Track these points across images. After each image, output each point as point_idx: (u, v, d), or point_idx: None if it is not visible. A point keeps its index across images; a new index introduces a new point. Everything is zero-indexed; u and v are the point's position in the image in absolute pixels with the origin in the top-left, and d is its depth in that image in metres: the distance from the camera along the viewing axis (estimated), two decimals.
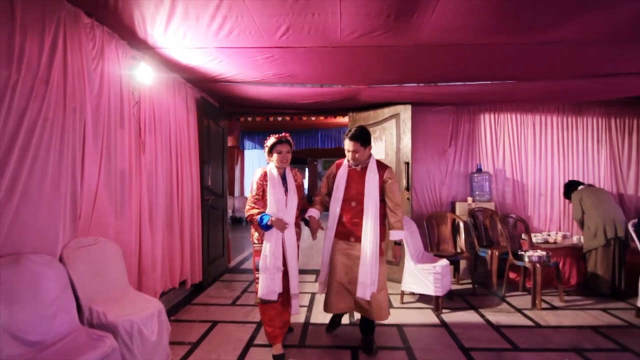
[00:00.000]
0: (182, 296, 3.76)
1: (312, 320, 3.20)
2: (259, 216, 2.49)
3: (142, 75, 2.91)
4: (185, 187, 3.72)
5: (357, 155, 2.55)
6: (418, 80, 3.53)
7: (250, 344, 2.74)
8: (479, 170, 4.61)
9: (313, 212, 2.71)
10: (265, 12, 2.15)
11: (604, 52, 2.85)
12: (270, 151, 2.62)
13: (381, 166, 2.62)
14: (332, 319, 2.96)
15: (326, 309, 2.71)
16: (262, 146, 10.33)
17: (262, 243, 2.53)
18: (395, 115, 4.39)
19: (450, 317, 3.26)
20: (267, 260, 2.47)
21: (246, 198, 9.20)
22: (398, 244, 2.64)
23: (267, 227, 2.48)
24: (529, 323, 3.13)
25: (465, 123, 4.76)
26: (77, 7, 2.26)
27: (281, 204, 2.54)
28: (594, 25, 2.30)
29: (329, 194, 2.74)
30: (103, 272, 2.35)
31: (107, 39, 2.55)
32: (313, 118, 5.35)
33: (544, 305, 3.54)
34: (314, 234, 2.68)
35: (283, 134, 2.65)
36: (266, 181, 2.58)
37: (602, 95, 4.42)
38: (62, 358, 1.67)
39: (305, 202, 2.82)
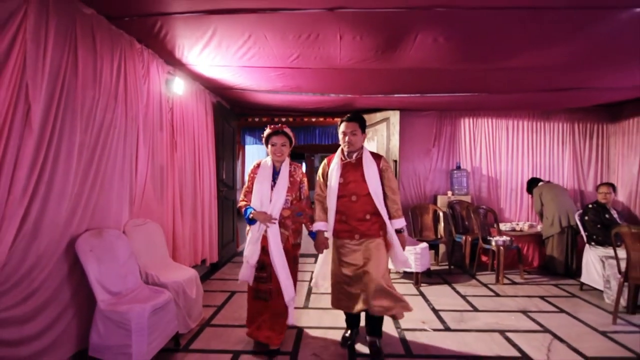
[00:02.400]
0: (202, 272, 4.41)
1: (306, 323, 2.97)
2: (244, 208, 2.47)
3: (176, 87, 3.53)
4: (204, 179, 4.34)
5: (354, 138, 2.43)
6: (404, 91, 4.18)
7: None
8: (458, 168, 5.29)
9: (321, 226, 2.51)
10: (282, 45, 2.77)
11: (557, 75, 3.51)
12: (267, 143, 2.54)
13: (375, 155, 2.53)
14: (344, 334, 2.71)
15: (334, 303, 2.61)
16: (262, 141, 10.97)
17: None
18: (386, 119, 5.04)
19: (427, 289, 3.95)
20: (246, 254, 2.47)
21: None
22: (400, 231, 2.50)
23: (251, 221, 2.44)
24: (491, 293, 3.84)
25: (447, 126, 5.43)
26: (131, 36, 2.86)
27: (265, 199, 2.44)
28: (537, 58, 2.96)
29: None
30: (151, 246, 2.99)
31: (151, 59, 3.16)
32: (314, 119, 5.98)
33: (506, 281, 4.26)
34: (319, 250, 2.55)
35: (279, 125, 2.55)
36: (256, 174, 2.52)
37: (564, 105, 5.12)
38: (139, 302, 2.31)
39: (304, 205, 2.59)
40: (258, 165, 2.58)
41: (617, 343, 2.73)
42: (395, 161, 4.91)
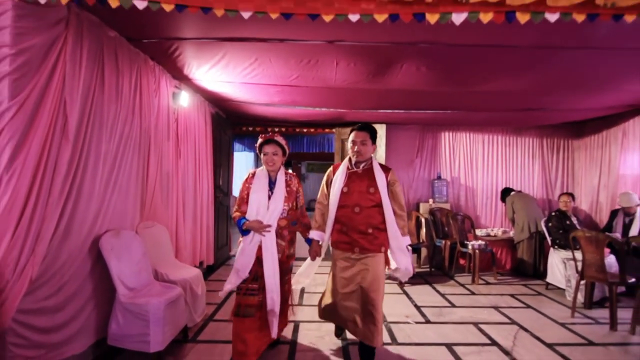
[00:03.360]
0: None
1: (300, 339, 2.89)
2: (237, 219, 2.41)
3: (181, 100, 3.80)
4: (203, 186, 4.60)
5: (363, 148, 2.36)
6: (390, 108, 4.58)
7: None
8: (439, 177, 5.72)
9: (316, 235, 2.48)
10: (284, 67, 3.11)
11: (526, 97, 3.97)
12: (259, 152, 2.51)
13: (384, 167, 2.45)
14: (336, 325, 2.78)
15: (321, 314, 2.63)
16: (250, 149, 11.19)
17: None
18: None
19: (410, 289, 4.31)
20: (238, 263, 2.40)
21: (235, 197, 10.06)
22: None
23: (245, 232, 2.37)
24: (467, 292, 4.23)
25: (429, 139, 5.88)
26: (146, 55, 3.14)
27: (262, 209, 2.37)
28: (506, 84, 3.40)
29: None
30: (159, 247, 3.23)
31: (161, 75, 3.43)
32: (305, 130, 6.32)
33: (481, 281, 4.66)
34: (313, 257, 2.53)
35: (270, 133, 2.50)
36: (251, 184, 2.46)
37: (534, 122, 5.65)
38: (154, 296, 2.56)
39: (300, 214, 2.59)
40: (253, 175, 2.50)
41: (574, 332, 3.14)
42: None
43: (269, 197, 2.42)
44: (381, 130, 5.34)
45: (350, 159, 2.48)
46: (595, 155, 5.61)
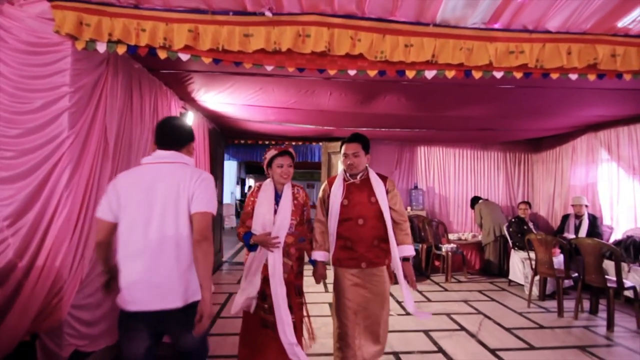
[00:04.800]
0: None
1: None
2: (243, 234, 2.25)
3: (188, 119, 4.20)
4: None
5: (357, 160, 2.26)
6: (373, 127, 5.14)
7: None
8: (416, 187, 6.33)
9: (320, 256, 2.30)
10: (284, 94, 3.59)
11: (489, 120, 4.62)
12: (270, 164, 2.31)
13: (381, 176, 2.38)
14: None
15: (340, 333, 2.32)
16: (236, 157, 11.52)
17: None
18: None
19: (392, 287, 4.81)
20: (245, 282, 2.23)
21: (224, 206, 10.36)
22: (407, 260, 2.30)
23: (251, 247, 2.23)
24: (441, 289, 4.81)
25: (407, 153, 6.50)
26: (161, 81, 3.54)
27: (268, 223, 2.22)
28: (471, 111, 4.02)
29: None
30: None
31: (171, 97, 3.83)
32: (294, 143, 6.81)
33: (453, 280, 5.26)
34: (318, 281, 2.35)
35: (285, 144, 2.38)
36: (257, 197, 2.30)
37: (498, 139, 6.38)
38: None
39: (308, 229, 2.40)
40: (258, 188, 2.34)
41: (529, 319, 3.75)
42: None
43: (275, 212, 2.25)
44: None
45: (345, 172, 2.38)
46: (550, 168, 6.39)
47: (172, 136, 1.75)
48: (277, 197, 2.32)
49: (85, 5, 2.12)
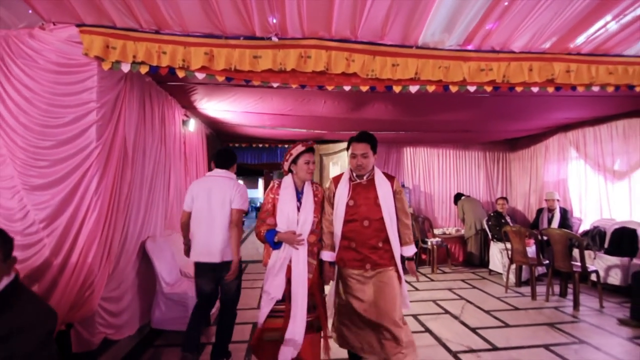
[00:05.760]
0: None
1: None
2: (265, 232, 2.24)
3: (189, 126, 4.47)
4: None
5: (365, 161, 2.25)
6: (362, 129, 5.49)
7: None
8: (403, 186, 6.71)
9: (328, 257, 2.29)
10: (282, 102, 3.91)
11: (469, 123, 5.04)
12: (295, 161, 2.29)
13: (388, 176, 2.36)
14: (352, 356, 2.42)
15: (340, 342, 2.33)
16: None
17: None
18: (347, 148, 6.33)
19: None
20: (268, 284, 2.24)
21: None
22: (410, 259, 2.37)
23: (276, 245, 2.21)
24: (427, 279, 5.21)
25: (394, 154, 6.89)
26: (166, 92, 3.81)
27: (292, 222, 2.21)
28: (452, 116, 4.42)
29: None
30: (177, 251, 3.87)
31: (176, 106, 4.11)
32: (286, 145, 7.11)
33: (438, 271, 5.67)
34: (327, 281, 2.37)
35: (310, 142, 2.36)
36: (278, 194, 2.29)
37: (478, 140, 6.83)
38: (187, 289, 3.22)
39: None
40: (279, 185, 2.33)
41: (506, 303, 4.17)
42: None
43: (298, 209, 2.26)
44: None
45: (351, 171, 2.36)
46: (526, 166, 6.88)
47: (225, 161, 2.78)
48: (299, 195, 2.34)
49: (111, 31, 2.39)
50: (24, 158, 2.41)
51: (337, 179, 2.41)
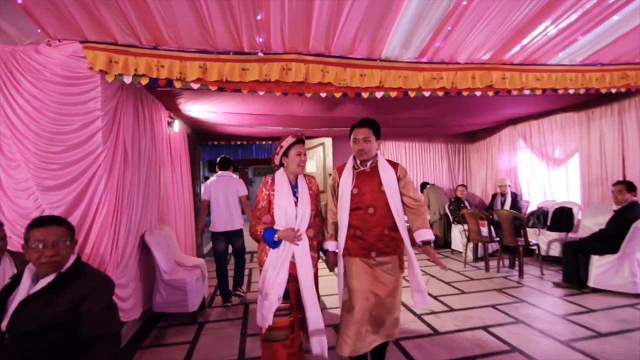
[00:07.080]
0: None
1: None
2: (263, 231, 2.16)
3: (174, 126, 4.76)
4: (186, 194, 5.53)
5: (367, 145, 2.23)
6: (336, 127, 5.97)
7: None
8: None
9: (332, 246, 2.32)
10: (262, 104, 4.29)
11: (432, 119, 5.62)
12: (286, 153, 2.24)
13: (392, 163, 2.32)
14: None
15: (340, 349, 2.13)
16: (202, 157, 11.90)
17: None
18: (322, 144, 6.80)
19: None
20: (268, 284, 2.13)
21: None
22: (427, 243, 2.22)
23: (275, 244, 2.14)
24: None
25: None
26: (153, 96, 4.09)
27: (290, 217, 2.16)
28: (416, 113, 4.97)
29: None
30: (170, 243, 4.20)
31: (162, 109, 4.39)
32: (264, 142, 7.47)
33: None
34: (331, 269, 2.38)
35: (300, 132, 2.30)
36: (273, 190, 2.21)
37: (440, 133, 7.49)
38: (184, 276, 3.58)
39: (321, 221, 2.37)
40: (273, 180, 2.27)
41: (464, 275, 4.81)
42: (330, 174, 6.68)
43: (295, 204, 2.21)
44: (328, 142, 6.72)
45: (354, 158, 2.35)
46: (483, 156, 7.63)
47: (227, 165, 4.27)
48: (294, 189, 2.28)
49: (113, 47, 2.70)
50: (36, 162, 2.68)
51: (340, 169, 2.38)
